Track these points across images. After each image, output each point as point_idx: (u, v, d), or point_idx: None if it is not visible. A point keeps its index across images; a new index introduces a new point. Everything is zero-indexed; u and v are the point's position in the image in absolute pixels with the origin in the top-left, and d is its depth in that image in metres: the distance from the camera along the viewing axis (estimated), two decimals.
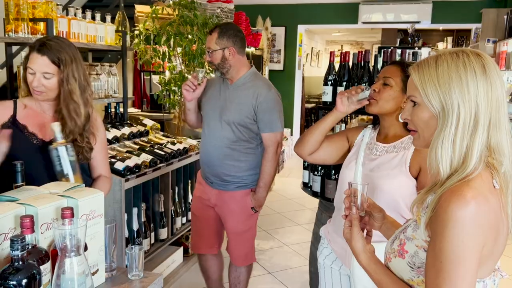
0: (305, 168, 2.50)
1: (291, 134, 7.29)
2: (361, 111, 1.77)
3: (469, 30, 7.59)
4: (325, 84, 2.29)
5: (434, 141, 0.98)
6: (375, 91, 1.59)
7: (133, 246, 1.27)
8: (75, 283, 0.97)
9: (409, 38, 5.14)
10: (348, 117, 3.04)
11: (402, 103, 1.55)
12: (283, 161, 6.57)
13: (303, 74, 8.14)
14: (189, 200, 3.29)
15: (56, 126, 1.59)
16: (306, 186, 2.50)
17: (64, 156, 1.54)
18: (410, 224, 1.05)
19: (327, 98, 2.29)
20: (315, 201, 2.47)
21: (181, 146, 3.10)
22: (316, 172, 2.34)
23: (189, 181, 3.30)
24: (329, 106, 2.29)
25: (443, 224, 0.90)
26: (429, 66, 0.98)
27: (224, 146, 2.30)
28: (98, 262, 1.21)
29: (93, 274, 1.19)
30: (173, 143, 3.11)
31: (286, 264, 3.53)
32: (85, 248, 1.08)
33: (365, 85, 1.70)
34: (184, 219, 3.26)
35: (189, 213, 3.23)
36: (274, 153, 2.30)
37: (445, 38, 9.50)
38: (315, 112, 9.40)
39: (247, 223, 2.42)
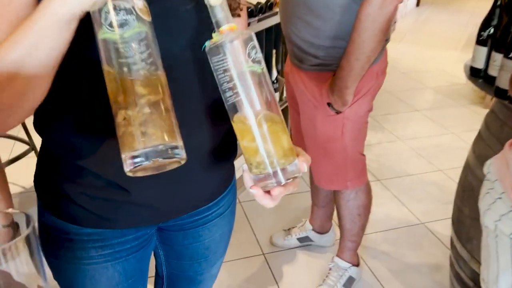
0: (479, 42, 1.39)
1: None
2: None
3: None
4: None
5: None
6: None
7: None
8: None
9: None
10: None
11: None
12: (395, 22, 5.21)
13: None
14: (273, 79, 2.37)
15: None
16: (476, 73, 1.43)
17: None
18: None
19: None
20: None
21: None
22: (510, 54, 1.24)
23: (273, 51, 2.34)
24: None
25: None
26: None
27: None
28: None
29: None
30: None
31: (401, 168, 2.61)
32: None
33: None
34: None
35: None
36: (379, 4, 1.17)
37: None
38: None
39: (324, 128, 1.46)
